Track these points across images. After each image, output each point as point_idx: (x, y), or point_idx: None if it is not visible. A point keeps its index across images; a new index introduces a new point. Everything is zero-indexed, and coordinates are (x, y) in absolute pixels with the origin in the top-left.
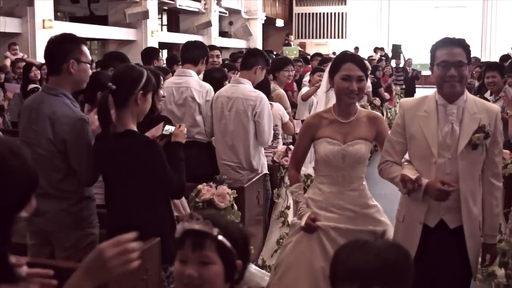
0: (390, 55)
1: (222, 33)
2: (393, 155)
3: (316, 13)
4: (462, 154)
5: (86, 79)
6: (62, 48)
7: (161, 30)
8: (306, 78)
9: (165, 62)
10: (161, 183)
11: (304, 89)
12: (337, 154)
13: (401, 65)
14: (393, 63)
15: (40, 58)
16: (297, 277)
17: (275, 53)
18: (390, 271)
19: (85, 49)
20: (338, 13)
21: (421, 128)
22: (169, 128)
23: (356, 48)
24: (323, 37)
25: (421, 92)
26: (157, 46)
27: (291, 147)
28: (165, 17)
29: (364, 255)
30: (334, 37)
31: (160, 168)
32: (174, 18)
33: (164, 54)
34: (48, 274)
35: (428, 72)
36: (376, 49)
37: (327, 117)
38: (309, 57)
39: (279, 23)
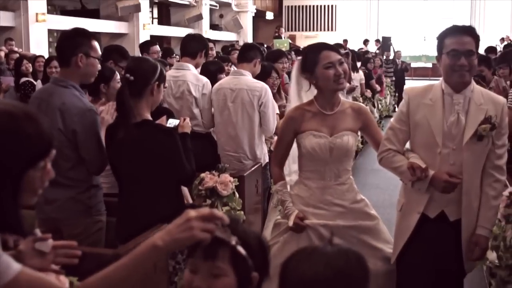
0: (375, 46)
1: (213, 26)
2: (396, 144)
3: (306, 6)
4: (467, 145)
5: (94, 74)
6: (73, 41)
7: (152, 23)
8: None
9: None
10: (177, 171)
11: None
12: (324, 147)
13: (391, 57)
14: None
15: (33, 51)
16: None
17: (265, 45)
18: (342, 279)
19: (95, 44)
20: (328, 5)
21: (426, 116)
22: (172, 121)
23: (345, 41)
24: (313, 30)
25: (410, 84)
26: (149, 39)
27: None
28: (155, 10)
29: (313, 264)
30: (324, 30)
31: (177, 156)
32: (165, 11)
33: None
34: (72, 246)
35: (417, 64)
36: (365, 41)
37: (310, 110)
38: (301, 49)
39: (269, 16)
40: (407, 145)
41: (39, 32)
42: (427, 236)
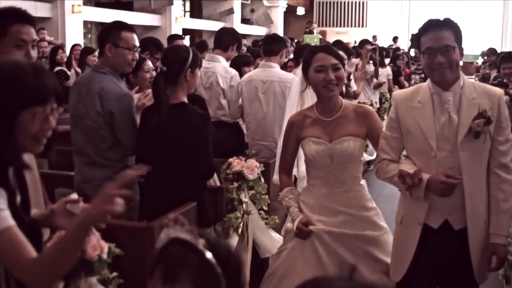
0: (409, 44)
1: (244, 20)
2: (389, 153)
3: (337, 2)
4: (462, 145)
5: (124, 62)
6: (106, 32)
7: (184, 16)
8: None
9: None
10: (202, 155)
11: None
12: (323, 154)
13: None
14: (412, 52)
15: (69, 42)
16: (290, 286)
17: (296, 40)
18: None
19: (126, 35)
20: (359, 2)
21: (416, 120)
22: None
23: (374, 37)
24: (344, 26)
25: None
26: (180, 32)
27: None
28: (188, 4)
29: None
30: (355, 26)
31: (207, 140)
32: (197, 5)
33: (187, 40)
34: None
35: None
36: (395, 38)
37: (311, 116)
38: None
39: (300, 11)
40: (404, 152)
41: (75, 23)
42: (432, 250)
